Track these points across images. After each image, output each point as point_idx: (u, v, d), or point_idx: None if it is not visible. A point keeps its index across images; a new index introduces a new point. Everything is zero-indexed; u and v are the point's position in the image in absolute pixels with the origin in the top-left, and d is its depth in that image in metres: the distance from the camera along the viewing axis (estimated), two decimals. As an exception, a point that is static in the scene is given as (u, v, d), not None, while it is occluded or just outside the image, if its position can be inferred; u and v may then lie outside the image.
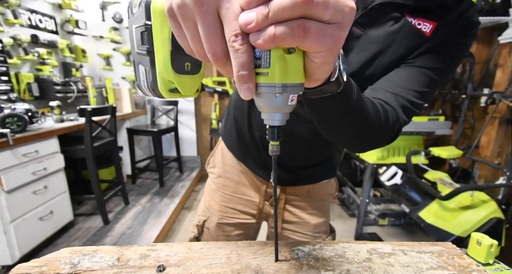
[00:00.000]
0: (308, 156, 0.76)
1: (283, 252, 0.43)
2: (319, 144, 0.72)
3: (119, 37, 3.50)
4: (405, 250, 0.44)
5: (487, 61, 1.95)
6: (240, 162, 0.81)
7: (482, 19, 1.74)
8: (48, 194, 1.99)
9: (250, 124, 0.75)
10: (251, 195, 0.82)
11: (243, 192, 0.83)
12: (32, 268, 0.38)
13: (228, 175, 0.84)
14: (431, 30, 0.52)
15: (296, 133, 0.67)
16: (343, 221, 2.65)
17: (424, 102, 0.56)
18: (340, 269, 0.38)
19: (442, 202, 1.59)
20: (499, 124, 1.78)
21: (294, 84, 0.29)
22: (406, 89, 0.53)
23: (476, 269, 0.39)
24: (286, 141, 0.65)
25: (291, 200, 0.82)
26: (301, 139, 0.69)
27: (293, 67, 0.28)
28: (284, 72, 0.28)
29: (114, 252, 0.42)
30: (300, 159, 0.76)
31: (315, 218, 0.83)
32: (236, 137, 0.80)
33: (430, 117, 2.12)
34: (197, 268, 0.38)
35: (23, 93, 2.41)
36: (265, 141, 0.69)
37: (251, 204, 0.83)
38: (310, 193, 0.82)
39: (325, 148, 0.77)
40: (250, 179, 0.82)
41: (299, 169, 0.77)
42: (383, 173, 1.99)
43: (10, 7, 2.36)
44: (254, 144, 0.76)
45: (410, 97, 0.53)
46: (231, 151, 0.82)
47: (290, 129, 0.65)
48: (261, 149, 0.75)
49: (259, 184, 0.81)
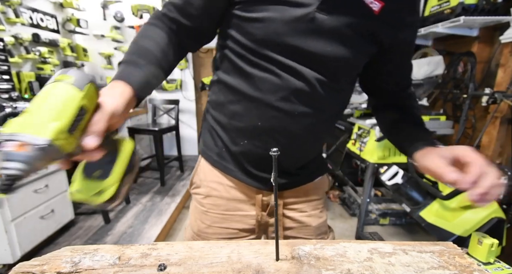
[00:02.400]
0: (303, 153, 0.73)
1: (284, 251, 0.43)
2: (312, 139, 0.71)
3: (121, 36, 3.51)
4: (406, 250, 0.43)
5: (489, 60, 1.94)
6: (228, 176, 0.75)
7: (483, 18, 1.74)
8: (49, 192, 1.99)
9: (230, 134, 0.71)
10: (247, 209, 0.77)
11: (238, 208, 0.77)
12: (33, 267, 0.38)
13: (217, 193, 0.77)
14: (379, 8, 0.57)
15: (288, 130, 0.66)
16: (344, 220, 2.64)
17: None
18: (341, 268, 0.38)
19: (443, 202, 1.59)
20: (501, 124, 1.78)
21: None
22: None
23: (477, 269, 0.39)
24: (280, 140, 0.65)
25: (289, 204, 0.79)
26: (293, 136, 0.67)
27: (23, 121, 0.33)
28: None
29: (115, 251, 0.42)
30: (295, 158, 0.73)
31: (315, 219, 0.81)
32: (218, 150, 0.75)
33: (432, 117, 2.11)
34: (198, 267, 0.38)
35: (24, 92, 2.42)
36: (252, 146, 0.68)
37: (248, 218, 0.77)
38: (308, 193, 0.80)
39: (317, 141, 0.76)
40: (243, 192, 0.76)
41: (296, 169, 0.75)
42: (384, 173, 1.98)
43: (11, 6, 2.36)
44: (243, 154, 0.71)
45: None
46: (215, 167, 0.76)
47: (282, 127, 0.65)
48: (251, 158, 0.71)
49: (254, 194, 0.75)
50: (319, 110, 0.65)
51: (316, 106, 0.64)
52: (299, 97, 0.62)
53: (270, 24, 0.57)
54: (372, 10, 0.57)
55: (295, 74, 0.60)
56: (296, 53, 0.58)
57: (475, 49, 2.00)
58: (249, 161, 0.71)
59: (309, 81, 0.60)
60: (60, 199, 2.09)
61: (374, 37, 0.61)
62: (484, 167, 0.48)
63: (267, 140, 0.66)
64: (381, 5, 0.57)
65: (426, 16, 2.12)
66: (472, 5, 1.74)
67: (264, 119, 0.64)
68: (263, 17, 0.57)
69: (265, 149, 0.65)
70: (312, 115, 0.65)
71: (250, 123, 0.66)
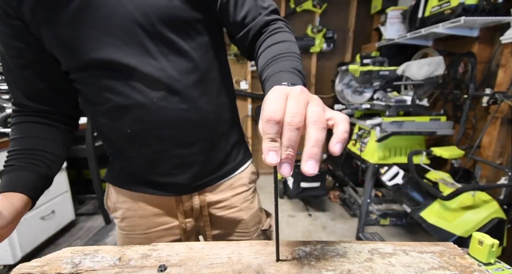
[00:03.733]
0: (210, 142, 0.67)
1: (284, 252, 0.43)
2: (218, 123, 0.66)
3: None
4: (406, 250, 0.43)
5: (489, 61, 1.94)
6: (137, 194, 0.70)
7: (484, 19, 1.74)
8: (50, 193, 1.99)
9: (117, 151, 0.68)
10: (169, 221, 0.72)
11: (159, 223, 0.72)
12: (33, 268, 0.38)
13: (133, 213, 0.71)
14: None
15: (184, 119, 0.60)
16: (345, 221, 2.64)
17: None
18: (341, 269, 0.38)
19: (444, 202, 1.59)
20: (501, 124, 1.78)
21: None
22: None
23: (477, 269, 0.39)
24: (155, 139, 0.60)
25: (215, 203, 0.73)
26: (193, 124, 0.61)
27: None
28: None
29: (116, 251, 0.43)
30: (205, 150, 0.66)
31: (247, 212, 0.75)
32: (120, 170, 0.71)
33: (432, 118, 2.11)
34: (198, 268, 0.38)
35: (25, 93, 2.42)
36: (145, 155, 0.63)
37: (172, 230, 0.73)
38: (233, 186, 0.74)
39: (225, 126, 0.69)
40: (160, 205, 0.71)
41: (214, 163, 0.69)
42: (384, 173, 1.98)
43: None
44: (139, 166, 0.67)
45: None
46: (124, 188, 0.71)
47: (178, 117, 0.59)
48: (146, 167, 0.66)
49: (173, 203, 0.70)
50: (173, 88, 0.57)
51: (165, 84, 0.57)
52: (145, 83, 0.56)
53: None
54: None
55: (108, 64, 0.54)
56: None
57: (475, 49, 1.99)
58: (146, 171, 0.67)
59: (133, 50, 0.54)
60: (60, 200, 2.10)
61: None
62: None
63: (146, 142, 0.62)
64: None
65: (426, 17, 2.12)
66: (472, 6, 1.74)
67: (128, 122, 0.59)
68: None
69: (155, 153, 0.63)
70: (170, 98, 0.57)
71: (119, 133, 0.62)
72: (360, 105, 2.37)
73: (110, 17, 0.51)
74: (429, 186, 1.70)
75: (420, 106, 2.17)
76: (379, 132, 2.04)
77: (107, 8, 0.51)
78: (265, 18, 0.57)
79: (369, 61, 2.46)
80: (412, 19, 2.31)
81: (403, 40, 2.44)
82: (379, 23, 3.05)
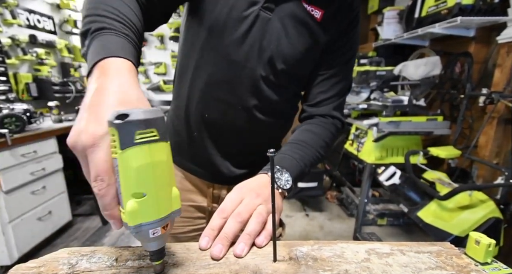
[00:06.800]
0: (255, 145, 0.74)
1: (281, 252, 0.43)
2: (262, 133, 0.72)
3: (118, 37, 3.49)
4: (403, 250, 0.44)
5: (486, 61, 1.95)
6: (180, 168, 0.77)
7: (480, 19, 1.75)
8: (47, 194, 1.98)
9: (188, 126, 0.72)
10: (199, 200, 0.79)
11: (190, 199, 0.79)
12: (30, 269, 0.38)
13: None
14: (320, 16, 0.62)
15: (236, 124, 0.68)
16: (342, 221, 2.65)
17: (350, 89, 0.74)
18: (338, 269, 0.38)
19: (441, 202, 1.59)
20: (498, 124, 1.79)
21: (149, 222, 0.31)
22: (336, 96, 0.71)
23: (474, 269, 0.39)
24: (226, 133, 0.69)
25: None
26: (241, 129, 0.69)
27: (144, 209, 0.31)
28: (134, 215, 0.30)
29: (113, 252, 0.42)
30: (249, 150, 0.74)
31: None
32: (173, 143, 0.75)
33: (429, 117, 2.12)
34: (196, 268, 0.38)
35: (21, 93, 2.41)
36: (205, 140, 0.71)
37: (200, 209, 0.80)
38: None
39: (268, 135, 0.75)
40: (194, 184, 0.78)
41: (254, 160, 0.74)
42: (381, 173, 1.99)
43: (8, 7, 2.35)
44: (194, 146, 0.73)
45: (341, 100, 0.72)
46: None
47: (231, 121, 0.67)
48: (201, 150, 0.72)
49: (205, 187, 0.77)
50: (262, 108, 0.67)
51: (259, 101, 0.66)
52: (242, 91, 0.64)
53: (218, 16, 0.59)
54: (315, 17, 0.61)
55: (238, 68, 0.62)
56: (241, 48, 0.61)
57: (472, 49, 2.01)
58: (201, 154, 0.73)
59: (253, 76, 0.63)
60: (57, 200, 2.09)
61: (317, 42, 0.64)
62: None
63: (213, 132, 0.69)
64: (322, 12, 0.61)
65: (423, 17, 2.13)
66: (469, 6, 1.75)
67: (210, 110, 0.67)
68: (212, 9, 0.59)
69: (214, 141, 0.71)
70: (254, 112, 0.67)
71: (198, 114, 0.68)
72: (357, 105, 2.37)
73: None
74: (426, 186, 1.71)
75: (417, 106, 2.17)
76: (376, 132, 2.05)
77: None
78: (332, 112, 0.71)
79: (366, 61, 2.46)
80: (409, 19, 2.32)
81: (400, 40, 2.45)
82: (375, 23, 3.06)
